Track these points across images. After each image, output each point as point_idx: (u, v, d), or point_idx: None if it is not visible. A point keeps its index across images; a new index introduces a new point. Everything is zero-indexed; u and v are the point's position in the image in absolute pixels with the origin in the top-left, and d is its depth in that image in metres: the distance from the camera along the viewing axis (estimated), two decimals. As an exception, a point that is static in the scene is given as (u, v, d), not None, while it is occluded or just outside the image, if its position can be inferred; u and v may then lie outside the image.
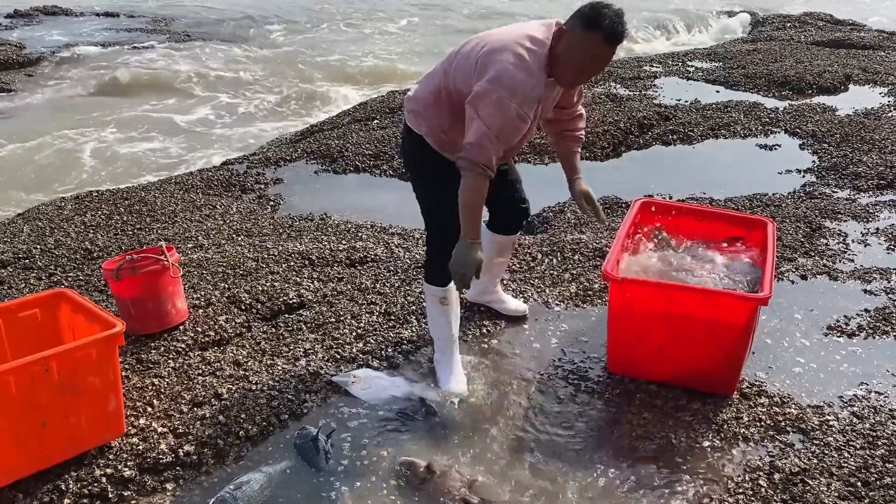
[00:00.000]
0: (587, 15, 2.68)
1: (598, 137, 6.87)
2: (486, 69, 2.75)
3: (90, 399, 2.80)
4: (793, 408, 3.21)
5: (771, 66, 9.35)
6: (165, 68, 11.52)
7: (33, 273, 4.45)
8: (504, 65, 2.72)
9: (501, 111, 2.72)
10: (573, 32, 2.73)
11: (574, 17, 2.74)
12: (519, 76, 2.72)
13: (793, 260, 4.51)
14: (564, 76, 2.85)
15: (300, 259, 4.52)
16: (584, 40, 2.69)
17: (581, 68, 2.80)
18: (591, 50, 2.71)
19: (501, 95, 2.70)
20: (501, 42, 2.80)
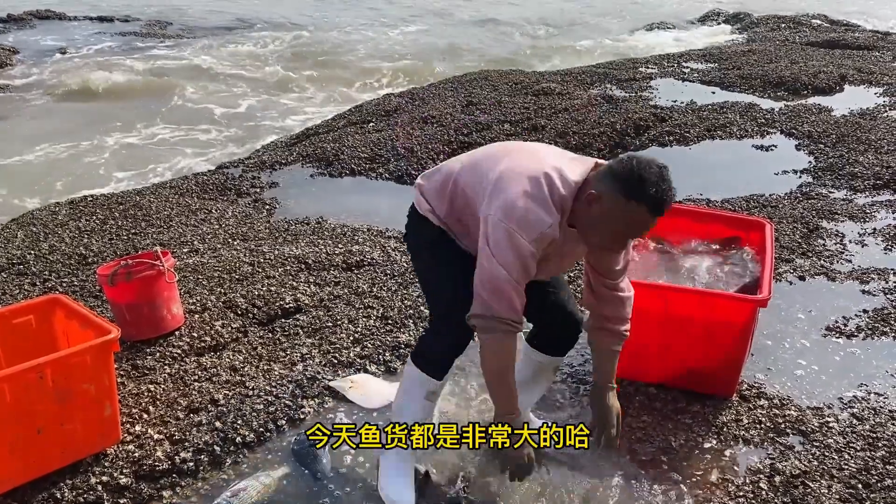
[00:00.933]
0: (628, 182, 2.19)
1: (594, 139, 6.86)
2: (498, 193, 2.29)
3: (85, 406, 2.77)
4: (792, 409, 3.20)
5: (766, 67, 9.36)
6: (174, 66, 11.52)
7: (28, 279, 4.42)
8: (517, 194, 2.26)
9: (515, 248, 2.25)
10: (611, 198, 2.21)
11: (611, 178, 2.22)
12: (531, 209, 2.25)
13: (790, 261, 4.51)
14: (592, 238, 2.38)
15: (296, 263, 4.50)
16: (625, 210, 2.21)
17: (617, 237, 2.35)
18: (632, 220, 2.24)
19: (511, 229, 2.24)
20: (524, 166, 2.33)
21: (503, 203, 2.26)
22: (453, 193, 2.48)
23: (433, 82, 9.62)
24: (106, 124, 9.14)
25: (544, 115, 7.48)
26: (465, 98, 8.19)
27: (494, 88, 8.62)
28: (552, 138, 6.87)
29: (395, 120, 7.61)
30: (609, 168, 2.27)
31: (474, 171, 2.45)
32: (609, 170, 2.26)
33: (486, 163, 2.44)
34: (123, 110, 9.80)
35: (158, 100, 10.34)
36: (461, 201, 2.46)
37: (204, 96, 10.55)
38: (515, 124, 7.25)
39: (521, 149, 2.50)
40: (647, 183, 2.17)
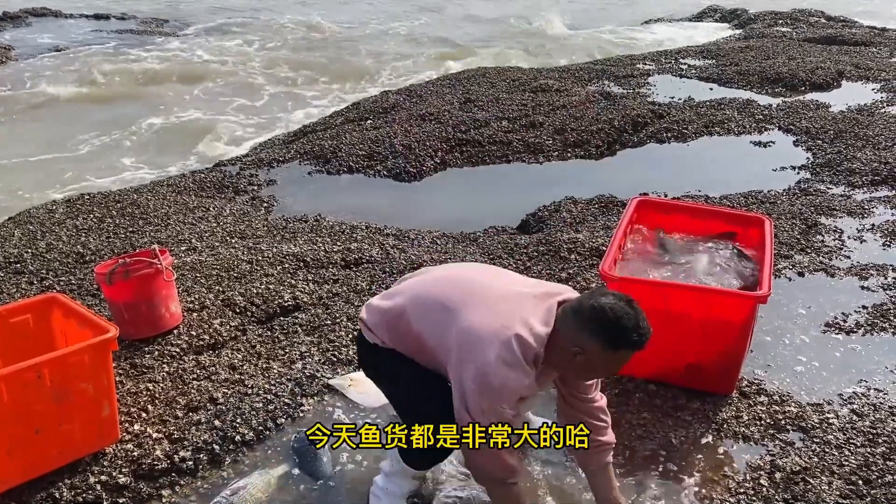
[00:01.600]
0: (610, 334, 2.20)
1: (592, 136, 6.85)
2: (468, 358, 2.25)
3: (83, 405, 2.76)
4: (792, 406, 3.20)
5: (764, 63, 9.35)
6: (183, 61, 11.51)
7: (25, 278, 4.40)
8: (490, 363, 2.20)
9: (498, 416, 2.25)
10: (596, 351, 2.22)
11: (588, 332, 2.21)
12: (510, 377, 2.22)
13: (789, 257, 4.50)
14: (574, 379, 2.46)
15: (295, 261, 4.48)
16: (613, 358, 2.26)
17: (603, 375, 2.49)
18: (620, 362, 2.30)
19: (493, 405, 2.23)
20: (489, 324, 2.26)
21: (478, 373, 2.22)
22: (406, 333, 2.43)
23: (431, 79, 9.60)
24: (99, 123, 9.12)
25: (542, 112, 7.47)
26: (463, 95, 8.17)
27: (492, 85, 8.61)
28: (550, 135, 6.86)
29: (393, 117, 7.59)
30: (579, 317, 2.23)
31: (428, 317, 2.39)
32: (580, 320, 2.23)
33: (441, 307, 2.36)
34: (117, 108, 9.78)
35: (154, 98, 10.31)
36: (415, 345, 2.42)
37: (201, 93, 10.52)
38: (513, 121, 7.24)
39: (473, 290, 2.39)
40: (628, 330, 2.20)
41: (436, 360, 2.38)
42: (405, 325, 2.42)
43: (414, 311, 2.41)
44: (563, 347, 2.26)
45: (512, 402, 2.26)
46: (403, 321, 2.42)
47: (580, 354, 2.24)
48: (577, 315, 2.25)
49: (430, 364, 2.42)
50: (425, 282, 2.54)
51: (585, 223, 5.06)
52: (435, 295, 2.43)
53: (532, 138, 6.82)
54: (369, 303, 2.59)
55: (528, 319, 2.27)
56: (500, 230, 5.24)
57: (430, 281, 2.54)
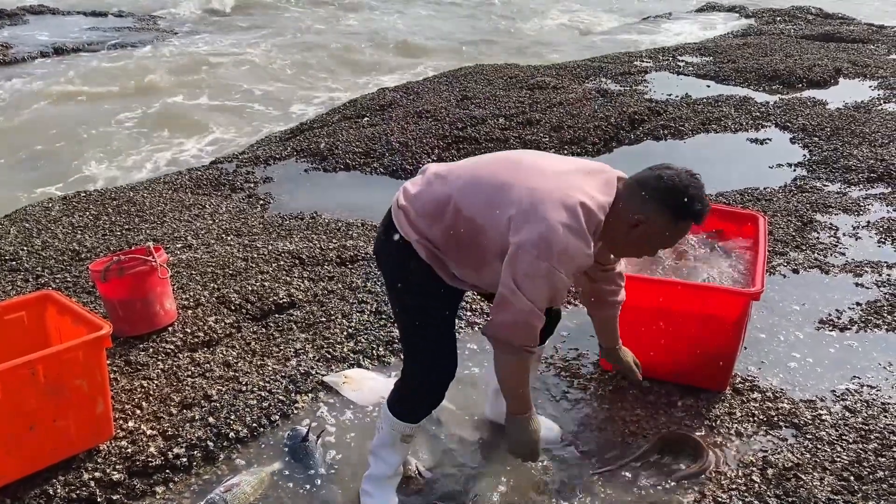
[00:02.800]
0: (677, 203, 2.23)
1: (588, 133, 6.85)
2: (529, 224, 2.16)
3: (78, 402, 2.76)
4: (785, 402, 3.21)
5: (761, 60, 9.35)
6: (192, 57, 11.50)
7: (20, 275, 4.41)
8: (555, 227, 2.14)
9: (550, 284, 2.19)
10: (659, 220, 2.26)
11: (653, 200, 2.24)
12: (572, 243, 2.17)
13: (784, 254, 4.51)
14: (627, 252, 2.49)
15: (290, 258, 4.49)
16: (674, 228, 2.30)
17: (659, 248, 2.45)
18: (680, 234, 2.36)
19: (552, 266, 2.15)
20: (553, 190, 2.21)
21: (540, 236, 2.14)
22: (454, 220, 2.28)
23: (428, 76, 9.60)
24: (95, 120, 9.12)
25: (539, 109, 7.47)
26: (460, 92, 8.17)
27: (489, 83, 8.61)
28: (547, 132, 6.86)
29: (390, 114, 7.59)
30: (644, 187, 2.26)
31: (479, 192, 2.28)
32: (647, 189, 2.25)
33: (493, 181, 2.28)
34: (114, 105, 9.78)
35: (151, 94, 10.30)
36: (465, 228, 2.27)
37: (198, 89, 10.52)
38: (510, 118, 7.24)
39: (531, 164, 2.33)
40: (694, 200, 2.24)
41: (484, 249, 2.27)
42: (453, 211, 2.28)
43: (463, 194, 2.29)
44: (622, 219, 2.28)
45: (568, 268, 2.20)
46: (450, 207, 2.29)
47: (642, 224, 2.27)
48: (644, 185, 2.27)
49: (472, 259, 2.32)
50: (465, 167, 2.42)
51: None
52: (483, 175, 2.33)
53: (529, 135, 6.82)
54: (406, 190, 2.42)
55: (589, 190, 2.25)
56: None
57: (470, 166, 2.42)
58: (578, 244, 2.18)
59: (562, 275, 2.18)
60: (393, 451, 2.62)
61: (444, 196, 2.31)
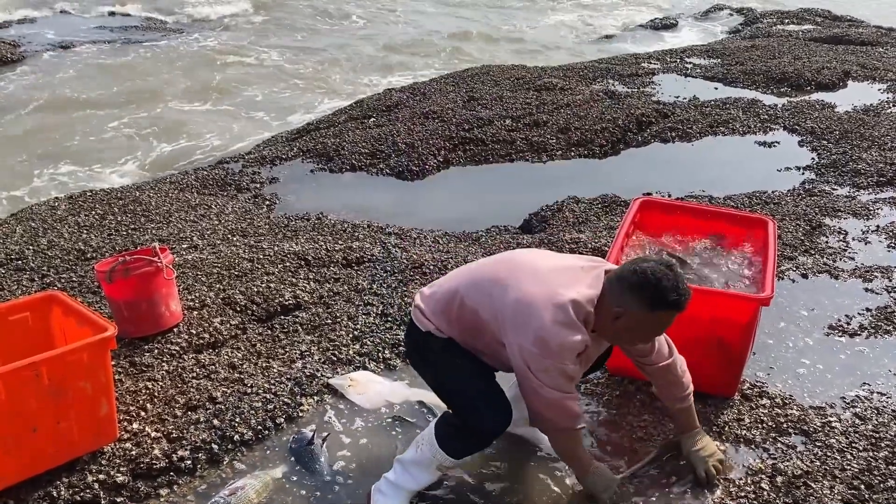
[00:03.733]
0: (649, 295, 2.36)
1: (596, 135, 6.83)
2: (526, 325, 2.39)
3: (82, 404, 2.75)
4: (794, 409, 3.17)
5: (769, 63, 9.31)
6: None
7: (26, 274, 4.40)
8: (547, 327, 2.36)
9: (562, 373, 2.41)
10: (637, 313, 2.39)
11: (629, 293, 2.38)
12: (566, 336, 2.37)
13: (793, 258, 4.47)
14: (622, 343, 2.64)
15: (296, 259, 4.47)
16: (652, 319, 2.42)
17: (647, 338, 2.58)
18: (661, 323, 2.46)
19: (555, 362, 2.39)
20: (542, 291, 2.41)
21: (536, 337, 2.37)
22: (460, 314, 2.56)
23: (434, 77, 9.58)
24: (103, 119, 9.13)
25: (546, 111, 7.44)
26: (467, 93, 8.16)
27: (496, 83, 8.59)
28: (554, 134, 6.84)
29: (396, 115, 7.58)
30: (622, 282, 2.42)
31: (480, 292, 2.54)
32: (623, 283, 2.41)
33: (492, 282, 2.53)
34: (121, 104, 9.78)
35: (157, 93, 10.30)
36: (470, 321, 2.55)
37: (205, 89, 10.52)
38: (517, 120, 7.22)
39: (521, 266, 2.55)
40: (667, 291, 2.35)
41: (492, 336, 2.52)
42: (459, 305, 2.55)
43: (467, 290, 2.56)
44: (607, 311, 2.43)
45: (572, 357, 2.42)
46: (457, 301, 2.56)
47: (622, 316, 2.41)
48: (620, 279, 2.43)
49: (486, 344, 2.56)
50: (472, 267, 2.73)
51: (588, 223, 5.04)
52: (485, 273, 2.60)
53: (535, 137, 6.81)
54: (422, 293, 2.72)
55: (578, 285, 2.44)
56: (502, 230, 5.23)
57: (475, 266, 2.74)
58: (572, 334, 2.38)
59: (568, 365, 2.41)
60: (425, 472, 2.69)
61: (452, 290, 2.60)
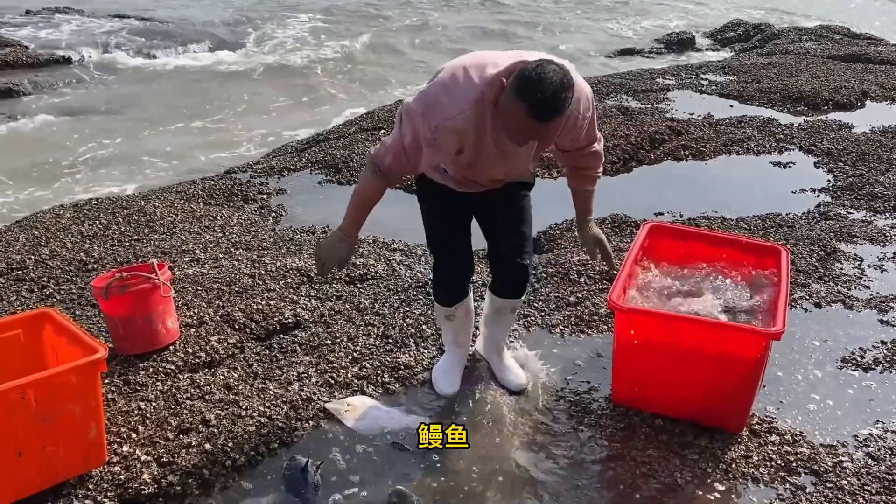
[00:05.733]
0: (519, 77, 2.32)
1: (608, 152, 6.71)
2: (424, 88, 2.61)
3: (69, 427, 2.67)
4: (805, 447, 3.07)
5: (786, 81, 9.19)
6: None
7: (25, 285, 4.35)
8: (436, 84, 2.53)
9: (413, 128, 2.53)
10: (508, 92, 2.37)
11: (514, 74, 2.36)
12: (443, 100, 2.46)
13: (806, 286, 4.36)
14: (505, 131, 2.50)
15: (298, 276, 4.40)
16: (510, 105, 2.35)
17: (513, 131, 2.43)
18: (516, 117, 2.35)
19: (419, 112, 2.51)
20: (457, 61, 2.59)
21: (424, 88, 2.58)
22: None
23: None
24: (114, 125, 9.14)
25: (558, 126, 7.35)
26: (479, 106, 8.07)
27: (508, 97, 8.51)
28: (565, 150, 6.75)
29: (407, 127, 7.51)
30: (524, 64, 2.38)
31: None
32: (519, 69, 2.37)
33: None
34: (133, 109, 9.80)
35: (168, 100, 10.31)
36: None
37: (216, 96, 10.52)
38: (528, 135, 7.13)
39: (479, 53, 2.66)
40: (532, 86, 2.26)
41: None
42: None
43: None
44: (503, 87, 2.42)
45: (435, 123, 2.45)
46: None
47: (502, 94, 2.39)
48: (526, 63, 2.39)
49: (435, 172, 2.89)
50: None
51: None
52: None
53: (547, 153, 6.70)
54: None
55: (488, 65, 2.46)
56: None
57: None
58: (448, 104, 2.46)
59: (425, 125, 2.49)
60: (446, 331, 3.35)
61: None
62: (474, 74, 2.44)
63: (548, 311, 4.05)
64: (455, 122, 2.44)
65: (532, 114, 2.28)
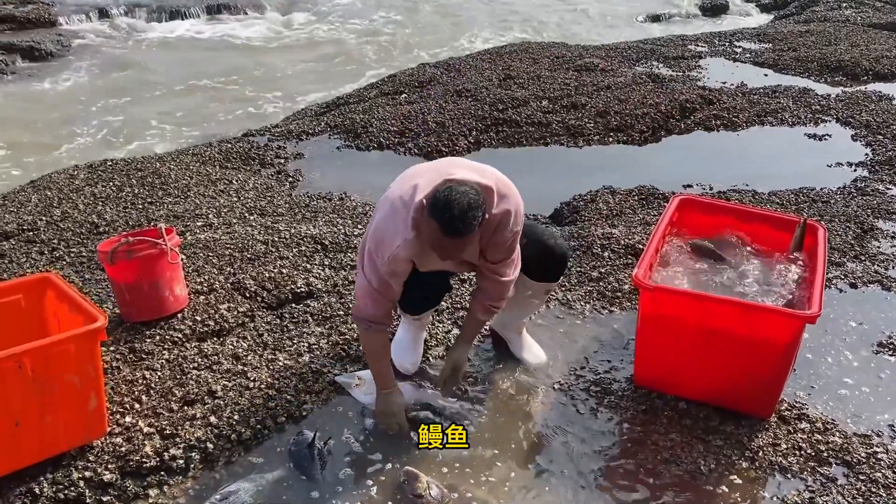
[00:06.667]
0: (432, 200, 2.46)
1: (636, 120, 6.50)
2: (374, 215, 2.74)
3: (68, 398, 2.58)
4: (837, 436, 2.91)
5: (824, 50, 8.85)
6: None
7: (36, 247, 4.27)
8: (378, 220, 2.66)
9: (372, 267, 2.67)
10: (424, 211, 2.51)
11: (431, 194, 2.51)
12: (387, 234, 2.61)
13: (841, 265, 4.16)
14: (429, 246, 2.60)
15: (312, 243, 4.27)
16: (425, 224, 2.50)
17: (433, 246, 2.54)
18: (431, 234, 2.49)
19: (372, 251, 2.65)
20: (390, 191, 2.71)
21: (368, 232, 2.71)
22: None
23: (471, 53, 9.28)
24: (133, 87, 9.04)
25: (585, 93, 7.13)
26: (503, 71, 7.86)
27: (534, 62, 8.27)
28: (592, 117, 6.54)
29: (429, 92, 7.32)
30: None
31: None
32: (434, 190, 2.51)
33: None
34: (154, 72, 9.68)
35: (190, 65, 10.18)
36: None
37: (239, 61, 10.37)
38: (554, 101, 6.92)
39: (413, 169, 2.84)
40: (441, 206, 2.40)
41: None
42: None
43: None
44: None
45: (387, 256, 2.60)
46: None
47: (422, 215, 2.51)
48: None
49: None
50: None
51: (623, 216, 4.76)
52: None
53: (572, 120, 6.51)
54: None
55: (416, 188, 2.57)
56: (531, 218, 4.96)
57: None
58: (392, 235, 2.60)
59: (380, 260, 2.63)
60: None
61: None
62: (405, 201, 2.58)
63: (568, 286, 3.89)
64: (401, 250, 2.59)
65: (442, 231, 2.42)
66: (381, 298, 2.72)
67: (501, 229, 2.69)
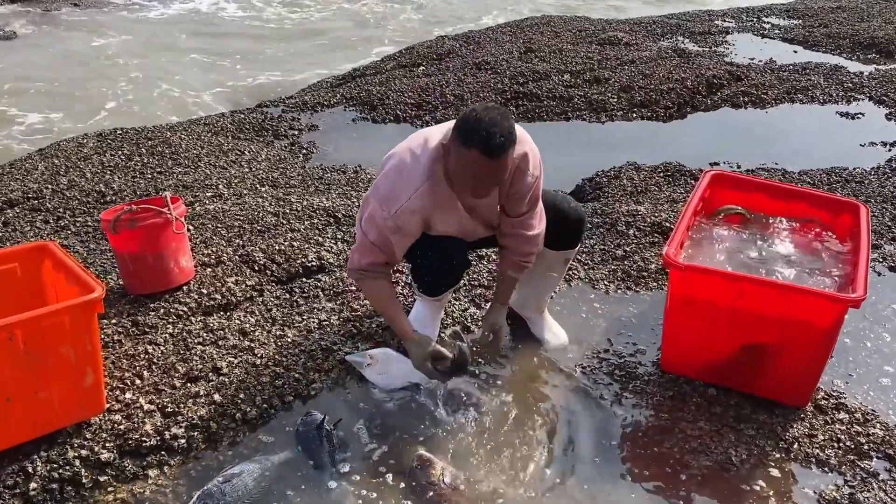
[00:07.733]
0: (462, 128, 2.34)
1: (661, 95, 6.28)
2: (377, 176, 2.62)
3: (63, 372, 2.45)
4: (878, 428, 2.73)
5: (857, 26, 8.55)
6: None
7: (40, 215, 4.14)
8: (386, 173, 2.56)
9: (373, 224, 2.58)
10: (454, 146, 2.38)
11: (454, 129, 2.39)
12: (395, 186, 2.51)
13: (879, 247, 3.96)
14: (458, 190, 2.54)
15: (325, 216, 4.12)
16: (462, 156, 2.36)
17: (468, 184, 2.44)
18: (471, 166, 2.36)
19: (376, 206, 2.54)
20: (398, 148, 2.60)
21: (375, 180, 2.61)
22: None
23: (491, 25, 9.05)
24: (145, 54, 8.88)
25: (609, 67, 6.91)
26: (524, 44, 7.64)
27: (556, 35, 8.04)
28: (615, 92, 6.32)
29: (447, 64, 7.12)
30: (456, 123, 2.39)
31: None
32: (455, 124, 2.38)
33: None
34: (179, 41, 9.52)
35: (204, 39, 10.01)
36: None
37: (253, 30, 10.18)
38: (576, 75, 6.70)
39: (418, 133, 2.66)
40: (476, 129, 2.27)
41: None
42: None
43: None
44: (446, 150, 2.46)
45: (394, 209, 2.50)
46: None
47: (447, 154, 2.43)
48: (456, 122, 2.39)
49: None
50: None
51: (648, 193, 4.57)
52: None
53: (595, 95, 6.29)
54: None
55: (428, 139, 2.53)
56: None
57: None
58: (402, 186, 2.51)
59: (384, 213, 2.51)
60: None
61: None
62: (418, 151, 2.51)
63: (592, 265, 3.72)
64: (411, 203, 2.50)
65: (484, 150, 2.29)
66: (377, 252, 2.62)
67: (521, 174, 2.59)
